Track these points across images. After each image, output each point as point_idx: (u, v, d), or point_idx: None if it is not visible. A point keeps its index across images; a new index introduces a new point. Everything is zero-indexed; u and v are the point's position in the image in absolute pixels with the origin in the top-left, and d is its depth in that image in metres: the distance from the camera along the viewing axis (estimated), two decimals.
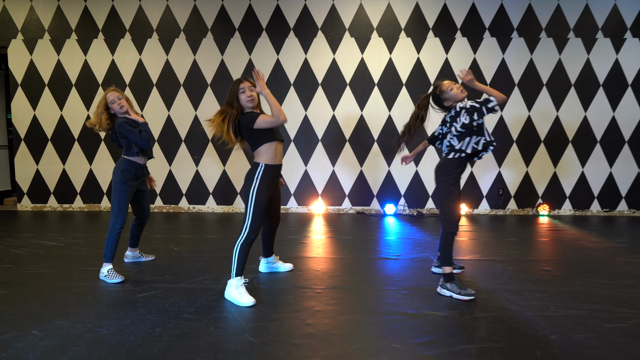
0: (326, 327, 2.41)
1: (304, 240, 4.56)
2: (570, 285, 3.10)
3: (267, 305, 2.72)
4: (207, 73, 6.20)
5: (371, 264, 3.67)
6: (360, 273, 3.41)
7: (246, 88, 2.89)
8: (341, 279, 3.26)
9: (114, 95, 3.31)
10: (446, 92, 3.02)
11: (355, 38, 6.14)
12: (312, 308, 2.68)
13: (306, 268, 3.55)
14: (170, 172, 6.34)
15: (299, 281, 3.22)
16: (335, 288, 3.06)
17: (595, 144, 6.19)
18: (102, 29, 6.20)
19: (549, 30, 6.07)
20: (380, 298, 2.86)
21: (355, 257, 3.87)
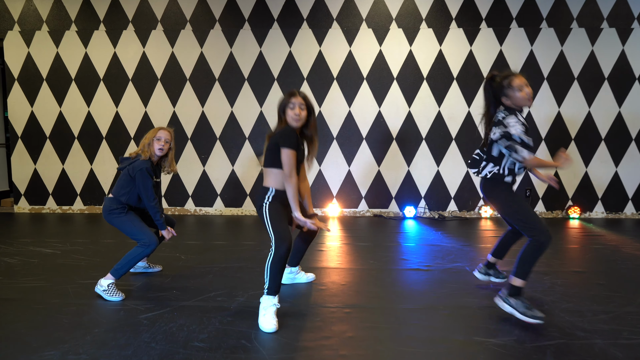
0: (363, 359, 2.03)
1: (321, 247, 4.18)
2: (636, 304, 2.71)
3: (291, 330, 2.34)
4: (215, 67, 5.82)
5: (401, 277, 3.28)
6: (390, 287, 3.03)
7: (296, 104, 2.58)
8: (371, 295, 2.87)
9: (165, 135, 3.07)
10: (514, 89, 2.52)
11: (373, 29, 5.74)
12: (343, 334, 2.30)
13: (329, 281, 3.17)
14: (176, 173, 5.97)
15: (324, 298, 2.83)
16: (365, 307, 2.67)
17: (630, 142, 5.77)
18: (103, 20, 5.84)
19: (580, 20, 5.66)
20: (419, 320, 2.47)
21: (380, 268, 3.49)
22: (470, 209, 5.94)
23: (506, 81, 2.54)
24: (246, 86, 5.81)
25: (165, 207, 6.05)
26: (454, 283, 3.12)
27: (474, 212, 5.94)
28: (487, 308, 2.65)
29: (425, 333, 2.31)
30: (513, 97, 2.52)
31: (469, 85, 5.76)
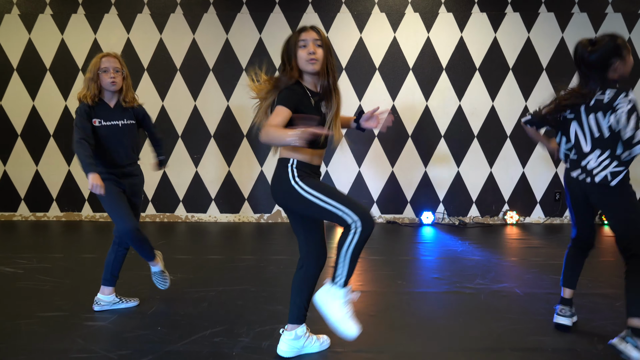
0: None
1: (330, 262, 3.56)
2: None
3: None
4: (209, 55, 5.19)
5: (440, 303, 2.67)
6: (433, 320, 2.41)
7: (309, 41, 1.88)
8: (411, 333, 2.26)
9: (110, 63, 2.49)
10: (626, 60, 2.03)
11: (387, 13, 5.14)
12: None
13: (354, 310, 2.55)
14: (165, 174, 5.33)
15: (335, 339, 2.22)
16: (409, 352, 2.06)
17: None
18: (82, 3, 5.18)
19: (615, 4, 5.10)
20: None
21: (412, 292, 2.88)
22: (494, 215, 5.35)
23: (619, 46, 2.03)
24: (244, 77, 5.19)
25: (154, 213, 5.40)
26: (511, 312, 2.52)
27: (497, 217, 5.35)
28: (568, 351, 2.05)
29: None
30: (620, 69, 2.03)
31: (493, 77, 5.18)
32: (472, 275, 3.21)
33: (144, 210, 5.37)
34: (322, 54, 1.88)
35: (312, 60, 1.85)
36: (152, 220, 5.38)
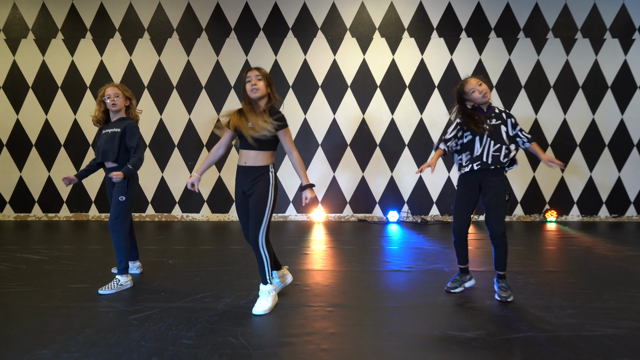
0: (345, 353, 2.14)
1: (306, 251, 4.29)
2: (601, 300, 2.87)
3: (275, 328, 2.44)
4: (202, 75, 5.92)
5: (382, 278, 3.41)
6: (372, 288, 3.15)
7: (252, 77, 2.68)
8: (353, 295, 2.99)
9: (110, 91, 3.20)
10: (468, 94, 2.87)
11: (357, 38, 5.91)
12: (325, 330, 2.41)
13: (312, 282, 3.28)
14: (163, 179, 6.04)
15: (308, 298, 2.94)
16: (348, 306, 2.79)
17: (604, 148, 6.01)
18: (90, 29, 5.91)
19: (556, 30, 5.90)
20: (400, 317, 2.59)
21: (363, 270, 3.61)
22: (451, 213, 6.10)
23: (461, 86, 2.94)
24: (232, 94, 5.92)
25: (152, 213, 6.10)
26: (433, 283, 3.25)
27: None
28: (462, 305, 2.78)
29: (405, 329, 2.42)
30: (470, 99, 2.92)
31: (450, 93, 5.95)
32: (416, 259, 3.94)
33: (144, 211, 6.07)
34: (263, 85, 2.68)
35: (254, 90, 2.65)
36: (151, 219, 6.08)
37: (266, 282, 2.73)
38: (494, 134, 2.87)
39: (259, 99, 2.71)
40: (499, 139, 2.87)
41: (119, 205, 3.12)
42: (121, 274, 3.11)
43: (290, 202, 6.08)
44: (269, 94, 2.74)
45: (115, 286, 3.05)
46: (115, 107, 3.19)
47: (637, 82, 5.92)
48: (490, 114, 2.90)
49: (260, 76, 2.69)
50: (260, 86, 2.67)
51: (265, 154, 2.73)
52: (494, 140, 2.86)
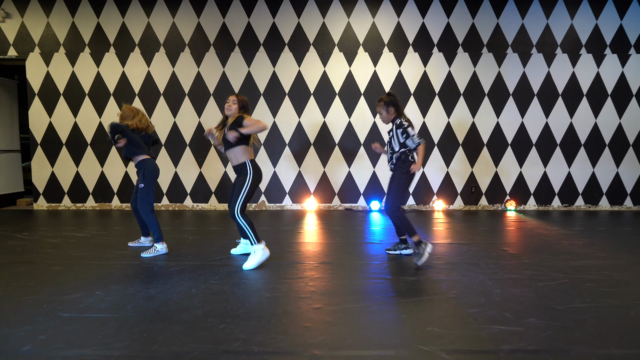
0: (325, 287, 3.10)
1: (299, 231, 5.24)
2: (520, 259, 3.84)
3: (275, 274, 3.40)
4: (210, 84, 6.86)
5: (359, 247, 4.37)
6: (350, 253, 4.11)
7: (230, 99, 3.73)
8: (335, 257, 3.95)
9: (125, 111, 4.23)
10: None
11: (344, 52, 6.87)
12: (312, 275, 3.37)
13: (303, 250, 4.24)
14: (176, 174, 6.97)
15: (299, 258, 3.90)
16: (330, 263, 3.75)
17: (556, 147, 7.00)
18: (113, 44, 6.83)
19: (514, 46, 6.88)
20: (366, 269, 3.56)
21: (344, 242, 4.57)
22: (426, 203, 7.08)
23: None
24: None
25: (167, 203, 7.03)
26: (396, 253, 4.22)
27: (428, 206, 7.08)
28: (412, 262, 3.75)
29: (369, 275, 3.38)
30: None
31: (424, 100, 6.92)
32: (387, 236, 4.91)
33: (160, 201, 7.01)
34: (236, 109, 3.69)
35: (227, 110, 3.70)
36: (166, 209, 7.01)
37: (253, 242, 3.63)
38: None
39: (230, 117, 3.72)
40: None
41: (141, 190, 4.07)
42: (158, 242, 4.05)
43: (286, 193, 7.03)
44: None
45: (154, 251, 4.00)
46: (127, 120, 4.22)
47: (584, 90, 6.91)
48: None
49: (236, 101, 3.70)
50: (233, 109, 3.69)
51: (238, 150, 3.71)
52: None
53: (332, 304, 2.76)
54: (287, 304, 2.75)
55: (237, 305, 2.72)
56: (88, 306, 2.70)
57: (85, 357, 2.05)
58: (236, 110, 3.70)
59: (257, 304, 2.77)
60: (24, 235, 4.90)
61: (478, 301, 2.80)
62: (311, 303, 2.78)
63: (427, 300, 2.81)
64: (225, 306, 2.71)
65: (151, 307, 2.68)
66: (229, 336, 2.28)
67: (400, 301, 2.80)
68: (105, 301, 2.79)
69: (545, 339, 2.25)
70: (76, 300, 2.80)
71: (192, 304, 2.75)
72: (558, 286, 3.10)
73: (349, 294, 2.94)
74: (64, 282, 3.20)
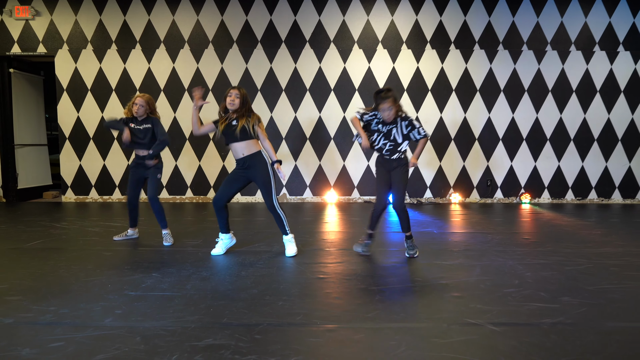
0: (364, 269, 3.30)
1: (325, 221, 5.44)
2: (543, 247, 4.04)
3: (314, 259, 3.60)
4: (233, 79, 7.05)
5: (384, 236, 4.56)
6: (377, 241, 4.31)
7: (232, 93, 3.62)
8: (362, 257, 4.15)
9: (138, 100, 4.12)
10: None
11: (363, 49, 7.05)
12: (349, 260, 3.57)
13: (333, 238, 4.43)
14: (200, 167, 7.17)
15: (331, 245, 4.10)
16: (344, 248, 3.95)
17: (569, 142, 7.18)
18: (139, 41, 7.02)
19: (529, 43, 7.05)
20: (399, 255, 3.75)
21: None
22: (443, 196, 7.28)
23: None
24: (259, 96, 7.06)
25: (191, 195, 7.23)
26: (424, 238, 4.42)
27: (445, 198, 7.28)
28: (443, 250, 3.95)
29: (407, 260, 3.58)
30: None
31: (441, 96, 7.10)
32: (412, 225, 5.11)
33: (184, 194, 7.21)
34: (238, 103, 3.65)
35: (230, 105, 3.65)
36: (190, 201, 7.22)
37: (287, 233, 3.78)
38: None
39: (233, 112, 3.67)
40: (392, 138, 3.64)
41: (158, 181, 4.18)
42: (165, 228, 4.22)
43: (307, 186, 7.23)
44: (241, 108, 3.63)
45: (169, 239, 4.17)
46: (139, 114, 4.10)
47: (597, 86, 7.08)
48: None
49: (239, 95, 3.60)
50: (236, 103, 3.59)
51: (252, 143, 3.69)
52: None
53: (375, 284, 2.96)
54: (336, 285, 2.96)
55: (288, 286, 2.93)
56: (150, 286, 2.91)
57: (166, 328, 2.26)
58: (239, 105, 3.60)
59: (307, 284, 2.97)
60: (63, 224, 5.11)
61: (512, 282, 3.00)
62: (357, 283, 2.98)
63: (465, 282, 3.01)
64: (277, 286, 2.91)
65: (209, 287, 2.89)
66: (290, 311, 2.48)
67: (440, 283, 3.00)
68: (164, 282, 3.00)
69: (581, 314, 2.44)
70: (137, 281, 3.01)
71: (245, 284, 2.96)
72: (585, 270, 3.30)
73: (390, 276, 3.14)
74: (119, 265, 3.40)
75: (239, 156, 3.69)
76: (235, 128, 3.61)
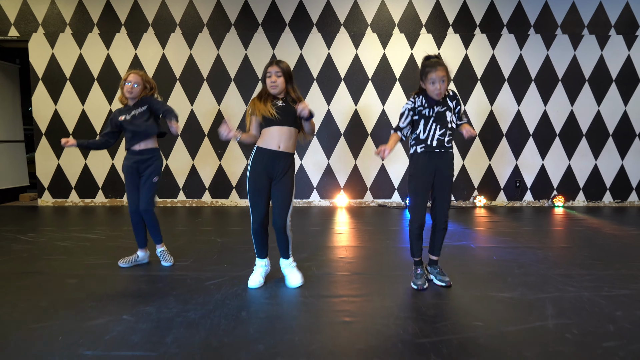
0: (408, 304, 2.53)
1: (339, 230, 4.66)
2: (614, 269, 3.27)
3: (335, 289, 2.82)
4: (231, 68, 6.25)
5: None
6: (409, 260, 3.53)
7: (272, 73, 2.81)
8: (388, 266, 3.37)
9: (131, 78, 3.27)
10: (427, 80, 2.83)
11: (377, 34, 6.25)
12: (379, 290, 2.79)
13: (355, 256, 3.66)
14: (194, 167, 6.38)
15: (353, 268, 3.32)
16: (386, 274, 3.17)
17: (608, 137, 6.40)
18: (124, 23, 6.20)
19: (564, 27, 6.25)
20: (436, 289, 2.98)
21: (396, 246, 3.99)
22: (466, 199, 6.50)
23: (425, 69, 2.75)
24: (259, 86, 6.25)
25: (184, 199, 6.44)
26: (463, 256, 3.64)
27: (469, 201, 6.50)
28: (491, 273, 3.17)
29: (443, 289, 2.81)
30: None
31: (465, 86, 6.31)
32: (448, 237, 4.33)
33: (176, 197, 6.42)
34: (282, 81, 2.84)
35: (272, 87, 2.83)
36: (182, 205, 6.43)
37: (289, 256, 2.98)
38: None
39: (278, 94, 2.86)
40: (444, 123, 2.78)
41: (153, 186, 3.30)
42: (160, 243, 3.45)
43: (314, 188, 6.44)
44: (287, 89, 2.85)
45: (168, 257, 3.41)
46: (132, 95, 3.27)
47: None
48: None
49: (280, 72, 2.80)
50: (279, 83, 2.79)
51: (295, 136, 2.88)
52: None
53: (424, 333, 2.19)
54: (369, 334, 2.18)
55: (305, 337, 2.15)
56: (116, 338, 2.13)
57: None
58: (283, 84, 2.82)
59: (329, 334, 2.19)
60: (30, 237, 4.32)
61: (606, 329, 2.23)
62: (398, 332, 2.20)
63: (542, 329, 2.23)
64: (292, 338, 2.14)
65: (197, 340, 2.11)
66: None
67: (510, 330, 2.22)
68: (137, 330, 2.22)
69: None
70: (101, 329, 2.23)
71: (247, 334, 2.18)
72: None
73: (439, 319, 2.36)
74: (81, 301, 2.62)
75: (273, 147, 2.80)
76: (286, 107, 2.81)
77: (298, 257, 3.52)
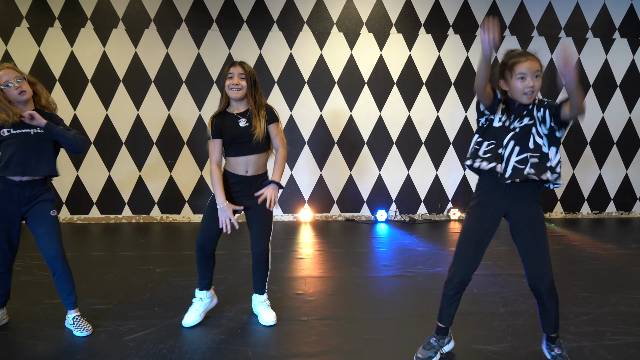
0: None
1: (300, 255, 4.12)
2: (612, 305, 2.85)
3: (290, 345, 2.27)
4: (182, 68, 5.61)
5: (387, 284, 3.29)
6: (379, 296, 3.02)
7: (235, 74, 2.39)
8: (362, 305, 2.85)
9: (9, 75, 2.35)
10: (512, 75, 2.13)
11: (344, 33, 5.74)
12: (342, 347, 2.26)
13: (317, 292, 3.12)
14: (140, 178, 5.70)
15: (316, 310, 2.78)
16: (359, 318, 2.65)
17: (585, 146, 6.11)
18: (58, 17, 5.47)
19: (540, 29, 5.92)
20: (416, 329, 2.48)
21: (365, 276, 3.49)
22: (440, 212, 6.07)
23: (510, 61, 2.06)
24: (214, 89, 5.64)
25: (129, 214, 5.75)
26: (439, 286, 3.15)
27: (442, 214, 6.08)
28: (474, 315, 2.70)
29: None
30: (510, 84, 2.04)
31: (438, 90, 5.88)
32: (415, 262, 3.85)
33: (120, 212, 5.73)
34: (246, 85, 2.41)
35: (234, 89, 2.38)
36: (128, 221, 5.74)
37: (264, 292, 2.63)
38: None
39: (240, 99, 2.44)
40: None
41: (56, 222, 2.43)
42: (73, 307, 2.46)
43: None
44: (249, 98, 2.45)
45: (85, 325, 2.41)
46: (26, 96, 2.41)
47: (617, 80, 6.03)
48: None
49: (244, 75, 2.41)
50: (243, 85, 2.40)
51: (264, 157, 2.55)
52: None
53: None
54: None
55: None
56: None
57: None
58: (247, 88, 2.41)
59: None
60: None
61: None
62: None
63: None
64: None
65: None
66: None
67: None
68: None
69: None
70: None
71: None
72: None
73: None
74: None
75: (240, 172, 2.50)
76: (249, 131, 2.41)
77: (249, 292, 2.95)
